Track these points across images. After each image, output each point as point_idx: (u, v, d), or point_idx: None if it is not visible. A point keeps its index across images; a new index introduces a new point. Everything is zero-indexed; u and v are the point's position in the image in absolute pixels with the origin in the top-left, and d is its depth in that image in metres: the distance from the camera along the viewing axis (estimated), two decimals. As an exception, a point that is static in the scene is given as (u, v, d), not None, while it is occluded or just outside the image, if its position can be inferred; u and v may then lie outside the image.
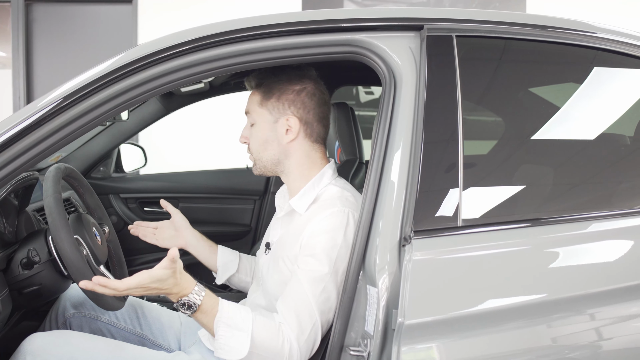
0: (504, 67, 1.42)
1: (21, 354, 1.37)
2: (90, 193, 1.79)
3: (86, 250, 1.52)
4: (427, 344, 1.13)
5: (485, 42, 1.40)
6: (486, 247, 1.21)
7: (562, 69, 1.43)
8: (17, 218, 1.77)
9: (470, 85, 1.33)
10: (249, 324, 1.32)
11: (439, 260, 1.19)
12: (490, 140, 1.39)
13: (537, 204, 1.28)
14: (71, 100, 1.27)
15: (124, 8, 5.37)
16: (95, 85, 1.28)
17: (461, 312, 1.15)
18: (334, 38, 1.37)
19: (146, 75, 1.32)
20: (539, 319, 1.16)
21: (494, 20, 1.40)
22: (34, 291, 1.54)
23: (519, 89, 1.41)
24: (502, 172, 1.33)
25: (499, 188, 1.30)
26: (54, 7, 5.39)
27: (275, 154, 1.55)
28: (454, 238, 1.20)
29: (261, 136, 1.54)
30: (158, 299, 2.24)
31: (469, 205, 1.23)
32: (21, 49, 5.31)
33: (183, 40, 1.33)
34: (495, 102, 1.41)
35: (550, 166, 1.37)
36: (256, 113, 1.55)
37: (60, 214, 1.43)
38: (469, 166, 1.25)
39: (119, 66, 1.30)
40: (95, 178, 2.94)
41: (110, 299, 1.50)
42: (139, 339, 1.70)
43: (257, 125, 1.55)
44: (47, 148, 1.28)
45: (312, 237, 1.41)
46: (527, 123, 1.39)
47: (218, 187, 3.09)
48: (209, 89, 2.64)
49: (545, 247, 1.23)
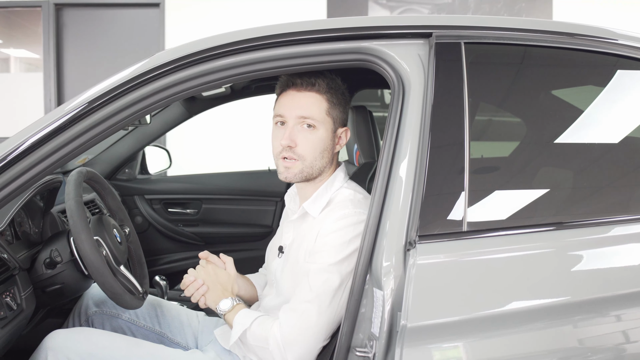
0: (513, 73, 1.43)
1: (43, 350, 1.44)
2: (112, 195, 1.85)
3: (106, 251, 1.58)
4: (429, 347, 1.16)
5: (494, 48, 1.41)
6: (490, 252, 1.23)
7: (570, 74, 1.44)
8: (42, 219, 1.85)
9: (478, 91, 1.35)
10: (250, 320, 1.45)
11: (442, 264, 1.21)
12: (499, 142, 1.40)
13: (543, 210, 1.29)
14: (96, 105, 1.32)
15: (151, 12, 5.48)
16: (118, 90, 1.33)
17: (464, 317, 1.17)
18: (344, 46, 1.40)
19: (165, 82, 1.36)
20: (542, 324, 1.18)
21: (502, 26, 1.41)
22: (56, 290, 1.61)
23: (528, 94, 1.42)
24: (508, 177, 1.34)
25: (505, 193, 1.31)
26: (84, 11, 5.52)
27: (326, 162, 1.54)
28: (458, 243, 1.22)
29: (322, 144, 1.52)
30: (179, 298, 2.30)
31: (474, 210, 1.24)
32: (52, 53, 5.45)
33: (200, 49, 1.37)
34: (503, 107, 1.42)
35: (558, 171, 1.38)
36: (323, 119, 1.51)
37: (81, 217, 1.49)
38: (474, 171, 1.27)
39: (141, 73, 1.34)
40: (121, 180, 3.02)
41: (129, 298, 1.55)
42: (158, 336, 1.76)
43: (318, 131, 1.51)
44: (72, 150, 1.32)
45: (323, 237, 1.44)
46: (535, 128, 1.40)
47: (240, 188, 3.15)
48: (231, 93, 2.68)
49: (551, 253, 1.24)
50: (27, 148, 1.28)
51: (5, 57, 6.90)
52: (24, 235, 1.72)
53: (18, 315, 1.44)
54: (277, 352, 1.38)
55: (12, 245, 1.61)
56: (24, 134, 1.29)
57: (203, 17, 5.42)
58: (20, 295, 1.47)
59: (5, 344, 1.41)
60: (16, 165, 1.28)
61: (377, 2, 5.38)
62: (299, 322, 1.38)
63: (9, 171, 1.27)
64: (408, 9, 5.37)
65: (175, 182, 3.23)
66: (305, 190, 1.59)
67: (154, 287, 2.19)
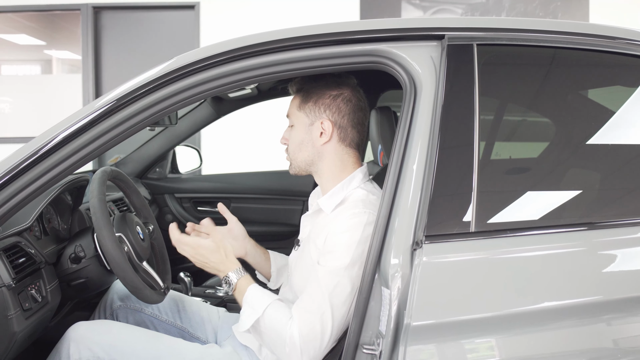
0: (526, 74, 1.43)
1: (66, 340, 1.50)
2: (137, 194, 1.91)
3: (128, 247, 1.64)
4: (433, 345, 1.17)
5: (507, 49, 1.41)
6: (497, 253, 1.23)
7: (585, 74, 1.43)
8: (71, 217, 1.92)
9: (490, 92, 1.36)
10: (263, 307, 1.43)
11: (448, 265, 1.22)
12: (510, 143, 1.41)
13: (551, 212, 1.29)
14: (125, 101, 1.37)
15: (186, 14, 5.58)
16: (146, 88, 1.37)
17: (467, 317, 1.18)
18: (358, 49, 1.41)
19: (186, 84, 1.41)
20: (549, 325, 1.18)
21: (516, 28, 1.41)
22: (81, 284, 1.67)
23: (541, 95, 1.42)
24: (516, 179, 1.34)
25: (514, 195, 1.32)
26: (121, 13, 5.67)
27: (309, 155, 1.60)
28: (464, 244, 1.23)
29: (298, 138, 1.60)
30: (203, 294, 2.36)
31: (483, 211, 1.25)
32: (90, 54, 5.60)
33: (218, 52, 1.41)
34: (515, 108, 1.43)
35: (572, 172, 1.37)
36: (295, 116, 1.61)
37: (103, 213, 1.55)
38: (483, 173, 1.28)
39: (168, 72, 1.38)
40: (152, 179, 3.09)
41: (150, 293, 1.61)
42: (179, 331, 1.81)
43: (295, 127, 1.61)
44: (101, 145, 1.37)
45: (333, 236, 1.46)
46: (548, 128, 1.40)
47: (268, 188, 3.19)
48: (257, 94, 2.73)
49: (556, 255, 1.24)
50: (58, 142, 1.33)
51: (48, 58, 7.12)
52: (52, 231, 1.79)
53: (43, 307, 1.50)
54: (294, 353, 1.39)
55: (40, 240, 1.68)
56: (56, 128, 1.35)
57: (237, 19, 5.50)
58: (46, 288, 1.54)
59: (31, 334, 1.47)
60: (48, 159, 1.33)
61: (410, 3, 5.37)
62: (317, 327, 1.39)
63: (41, 165, 1.32)
64: (441, 9, 5.35)
65: (204, 182, 3.29)
66: (324, 187, 1.63)
67: (179, 283, 2.25)
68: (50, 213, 1.82)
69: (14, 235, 1.50)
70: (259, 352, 1.57)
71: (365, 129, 1.66)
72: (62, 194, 1.87)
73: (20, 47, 7.01)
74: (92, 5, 5.57)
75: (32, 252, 1.51)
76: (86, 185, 1.90)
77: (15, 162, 1.31)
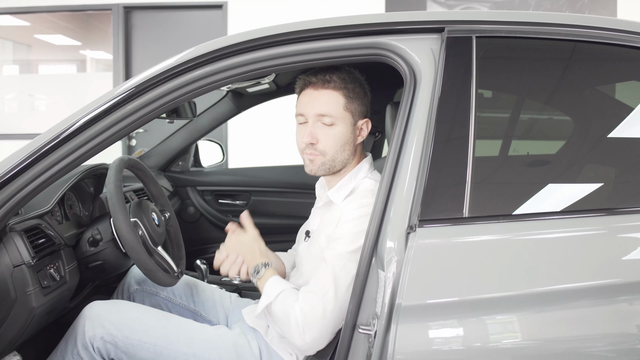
0: (524, 65, 1.46)
1: (82, 318, 1.59)
2: (154, 183, 1.99)
3: (142, 231, 1.72)
4: (422, 325, 1.22)
5: (506, 42, 1.44)
6: (486, 238, 1.28)
7: (582, 68, 1.46)
8: (92, 203, 2.01)
9: (488, 84, 1.40)
10: (276, 293, 1.51)
11: (439, 247, 1.27)
12: (505, 137, 1.44)
13: (539, 200, 1.33)
14: (142, 88, 1.44)
15: (214, 13, 5.70)
16: (163, 76, 1.45)
17: (455, 298, 1.23)
18: (361, 41, 1.46)
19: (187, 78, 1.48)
20: (535, 309, 1.22)
21: (515, 20, 1.44)
22: (98, 266, 1.76)
23: (537, 87, 1.45)
24: (509, 169, 1.38)
25: (505, 183, 1.36)
26: (151, 13, 5.81)
27: (349, 155, 1.62)
28: (457, 228, 1.28)
29: (343, 138, 1.59)
30: (219, 282, 2.43)
31: (475, 198, 1.29)
32: (121, 53, 5.76)
33: (220, 47, 1.47)
34: (512, 100, 1.46)
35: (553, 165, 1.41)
36: (341, 115, 1.58)
37: (119, 199, 1.63)
38: (478, 162, 1.32)
39: (181, 62, 1.46)
40: (175, 172, 3.19)
41: (163, 276, 1.69)
42: (192, 314, 1.89)
43: (337, 127, 1.58)
44: (120, 130, 1.44)
45: (342, 224, 1.52)
46: (541, 121, 1.43)
47: (287, 181, 3.25)
48: (276, 89, 2.79)
49: (542, 242, 1.28)
50: (80, 126, 1.41)
51: (83, 58, 7.33)
52: (74, 216, 1.88)
53: (61, 286, 1.59)
54: (296, 332, 1.45)
55: (61, 224, 1.77)
56: (77, 114, 1.43)
57: (264, 17, 5.59)
58: (65, 268, 1.63)
59: (49, 310, 1.56)
60: (68, 143, 1.40)
61: (435, 1, 5.39)
62: (318, 305, 1.45)
63: (61, 149, 1.40)
64: (467, 7, 5.36)
65: (225, 175, 3.37)
66: (332, 180, 1.68)
67: (195, 270, 2.33)
68: (71, 199, 1.92)
69: (35, 217, 1.59)
70: (265, 334, 1.64)
71: None
72: (83, 182, 1.96)
73: (57, 47, 7.24)
74: (123, 5, 5.72)
75: (51, 233, 1.61)
76: (106, 173, 1.99)
77: (37, 147, 1.40)
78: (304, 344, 1.46)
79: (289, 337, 1.49)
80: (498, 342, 1.22)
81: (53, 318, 1.69)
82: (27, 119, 6.21)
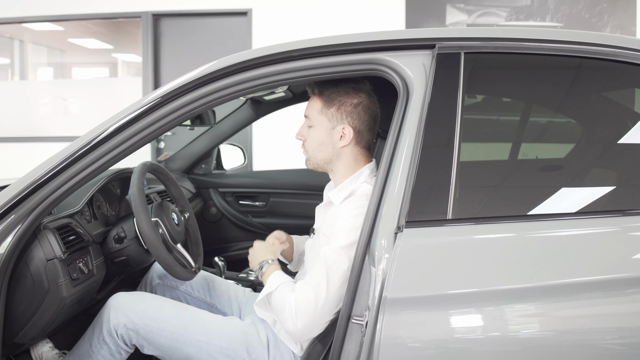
0: (510, 79, 1.58)
1: (107, 308, 1.76)
2: (175, 185, 2.16)
3: (162, 230, 1.88)
4: (404, 316, 1.34)
5: (493, 57, 1.55)
6: (467, 239, 1.40)
7: (564, 80, 1.57)
8: (118, 204, 2.19)
9: (473, 95, 1.52)
10: (276, 285, 1.66)
11: (422, 247, 1.39)
12: (490, 143, 1.56)
13: (522, 202, 1.44)
14: (169, 97, 1.59)
15: (239, 20, 5.87)
16: (188, 87, 1.60)
17: (435, 293, 1.35)
18: (358, 58, 1.59)
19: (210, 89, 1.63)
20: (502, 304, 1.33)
21: (502, 37, 1.55)
22: (122, 261, 1.94)
23: (520, 99, 1.57)
24: (492, 174, 1.50)
25: (487, 187, 1.48)
26: (179, 20, 6.01)
27: (328, 155, 1.78)
28: (439, 229, 1.40)
29: (318, 139, 1.77)
30: (236, 277, 2.59)
31: (459, 201, 1.41)
32: (150, 59, 5.97)
33: (233, 62, 1.62)
34: (497, 110, 1.58)
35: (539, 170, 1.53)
36: (315, 119, 1.76)
37: (142, 200, 1.80)
38: (462, 168, 1.44)
39: (202, 75, 1.61)
40: (198, 174, 3.37)
41: (180, 270, 1.85)
42: (209, 306, 2.05)
43: (315, 128, 1.76)
44: (149, 134, 1.59)
45: (337, 223, 1.65)
46: (526, 129, 1.55)
47: (304, 184, 3.39)
48: (292, 97, 2.94)
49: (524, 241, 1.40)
50: (109, 134, 1.57)
51: (114, 60, 7.59)
52: (101, 216, 2.06)
53: (89, 278, 1.77)
54: (290, 319, 1.59)
55: (90, 223, 1.95)
56: (106, 123, 1.58)
57: (288, 24, 5.75)
58: (92, 262, 1.80)
59: (78, 300, 1.74)
60: (96, 150, 1.57)
61: (454, 7, 5.48)
62: (311, 295, 1.58)
63: (91, 155, 1.57)
64: (485, 12, 5.44)
65: (246, 177, 3.53)
66: (335, 182, 1.82)
67: (214, 267, 2.49)
68: (99, 200, 2.10)
69: (66, 217, 1.77)
70: (273, 324, 1.78)
71: (377, 130, 1.84)
72: (110, 184, 2.14)
73: (90, 50, 7.51)
74: (151, 13, 5.93)
75: (80, 231, 1.78)
76: (130, 177, 2.17)
77: (68, 153, 1.56)
78: (295, 330, 1.59)
79: (283, 323, 1.62)
80: (475, 333, 1.34)
81: (82, 308, 1.86)
82: (60, 122, 6.46)
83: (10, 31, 6.90)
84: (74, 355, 1.80)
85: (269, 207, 3.40)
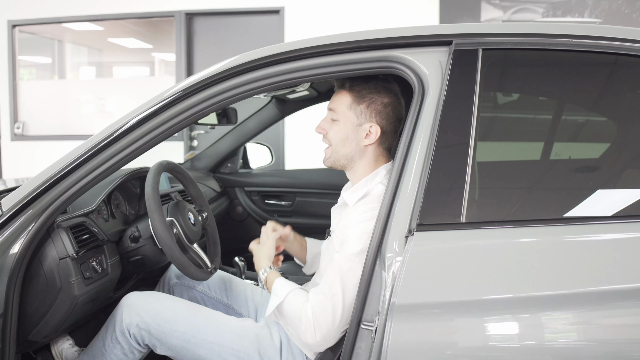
0: (529, 76, 1.52)
1: (120, 307, 1.76)
2: (193, 184, 2.15)
3: (177, 230, 1.87)
4: (412, 322, 1.30)
5: (512, 53, 1.49)
6: (480, 243, 1.34)
7: (585, 77, 1.50)
8: (138, 203, 2.19)
9: (491, 93, 1.46)
10: (285, 293, 1.62)
11: (431, 251, 1.34)
12: (507, 143, 1.50)
13: (542, 205, 1.38)
14: (190, 91, 1.58)
15: (272, 18, 5.87)
16: (208, 81, 1.59)
17: (443, 299, 1.30)
18: (374, 55, 1.55)
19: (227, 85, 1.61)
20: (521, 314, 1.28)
21: (521, 32, 1.49)
22: (138, 260, 1.93)
23: (540, 97, 1.51)
24: (509, 175, 1.44)
25: (503, 190, 1.42)
26: (211, 19, 6.05)
27: (350, 152, 1.73)
28: (451, 233, 1.35)
29: (342, 134, 1.72)
30: (256, 278, 2.57)
31: (473, 204, 1.36)
32: (183, 57, 6.02)
33: (251, 59, 1.60)
34: (517, 109, 1.52)
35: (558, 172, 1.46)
36: (343, 114, 1.71)
37: (156, 200, 1.79)
38: (476, 170, 1.38)
39: (222, 70, 1.60)
40: (224, 173, 3.37)
41: (195, 271, 1.83)
42: (225, 307, 2.03)
43: (339, 123, 1.72)
44: (169, 128, 1.59)
45: (349, 227, 1.61)
46: (548, 129, 1.49)
47: (330, 183, 3.35)
48: (317, 95, 2.91)
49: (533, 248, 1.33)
50: (131, 125, 1.57)
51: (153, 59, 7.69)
52: (120, 214, 2.06)
53: (103, 277, 1.76)
54: (309, 331, 1.56)
55: (107, 222, 1.95)
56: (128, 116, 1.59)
57: (320, 22, 5.72)
58: (107, 261, 1.80)
59: (92, 299, 1.74)
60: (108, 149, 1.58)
61: (489, 3, 5.37)
62: (328, 306, 1.54)
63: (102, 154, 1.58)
64: (522, 9, 5.31)
65: (272, 177, 3.51)
66: (351, 180, 1.79)
67: (234, 267, 2.48)
68: (118, 199, 2.10)
69: (81, 216, 1.77)
70: (286, 327, 1.75)
71: (399, 134, 1.79)
72: (130, 182, 2.14)
73: (129, 50, 7.62)
74: (185, 12, 5.98)
75: (95, 230, 1.78)
76: (149, 175, 2.17)
77: (82, 151, 1.57)
78: (315, 342, 1.56)
79: (301, 335, 1.59)
80: (482, 341, 1.29)
81: (97, 306, 1.87)
82: (100, 120, 6.58)
83: (52, 31, 7.04)
84: (87, 354, 1.81)
85: (295, 206, 3.38)
